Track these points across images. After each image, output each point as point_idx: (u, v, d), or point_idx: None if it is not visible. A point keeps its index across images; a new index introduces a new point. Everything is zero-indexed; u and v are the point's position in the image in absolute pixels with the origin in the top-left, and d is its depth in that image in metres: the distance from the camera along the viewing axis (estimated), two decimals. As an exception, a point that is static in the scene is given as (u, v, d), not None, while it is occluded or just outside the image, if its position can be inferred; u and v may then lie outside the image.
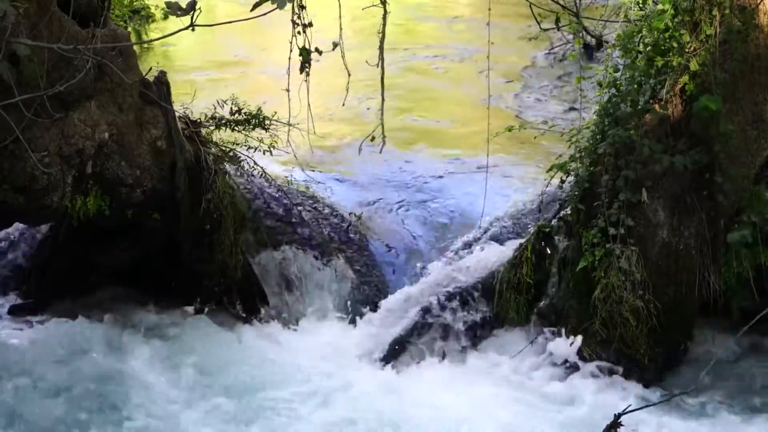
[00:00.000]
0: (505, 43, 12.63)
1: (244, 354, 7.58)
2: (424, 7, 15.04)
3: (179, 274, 8.02)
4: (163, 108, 7.59)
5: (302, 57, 6.44)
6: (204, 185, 7.76)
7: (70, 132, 6.99)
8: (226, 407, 6.91)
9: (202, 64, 12.79)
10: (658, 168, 7.19)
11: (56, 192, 6.98)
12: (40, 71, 6.39)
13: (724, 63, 6.98)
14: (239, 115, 8.24)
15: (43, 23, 6.53)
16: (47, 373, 7.16)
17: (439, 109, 11.23)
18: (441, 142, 10.07)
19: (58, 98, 6.60)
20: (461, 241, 8.38)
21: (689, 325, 7.48)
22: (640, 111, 7.29)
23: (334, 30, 6.57)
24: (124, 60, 7.27)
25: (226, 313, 8.10)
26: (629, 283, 7.15)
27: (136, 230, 7.85)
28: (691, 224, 7.24)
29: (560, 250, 7.80)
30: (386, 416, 6.81)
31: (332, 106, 9.66)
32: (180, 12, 4.15)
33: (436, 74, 12.56)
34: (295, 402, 6.98)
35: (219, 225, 7.84)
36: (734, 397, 7.13)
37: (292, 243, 8.33)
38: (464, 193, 8.84)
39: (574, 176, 7.71)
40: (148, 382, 7.16)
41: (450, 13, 15.05)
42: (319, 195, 8.74)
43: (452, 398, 7.06)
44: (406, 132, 10.20)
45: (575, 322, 7.38)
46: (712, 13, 6.92)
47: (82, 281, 8.14)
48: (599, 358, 7.30)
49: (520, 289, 7.76)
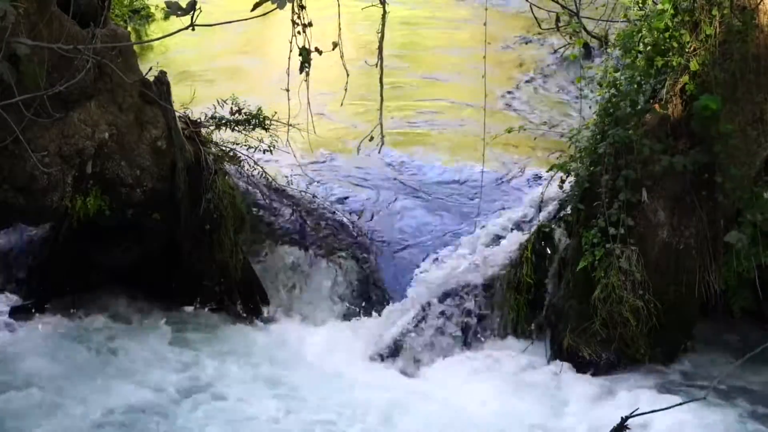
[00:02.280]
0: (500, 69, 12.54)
1: (244, 354, 7.58)
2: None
3: (179, 274, 8.02)
4: (163, 108, 7.59)
5: (302, 57, 6.43)
6: (204, 185, 7.75)
7: (70, 132, 6.99)
8: (226, 407, 6.91)
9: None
10: (658, 168, 7.19)
11: (56, 192, 6.98)
12: (40, 71, 6.40)
13: (724, 63, 6.98)
14: (239, 115, 8.24)
15: (43, 23, 6.53)
16: (47, 373, 7.16)
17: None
18: (441, 141, 10.06)
19: (58, 98, 6.60)
20: (462, 240, 8.37)
21: (689, 325, 7.48)
22: (640, 111, 7.29)
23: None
24: (124, 60, 7.27)
25: (227, 313, 8.10)
26: (629, 283, 7.15)
27: (136, 230, 7.85)
28: (691, 224, 7.24)
29: (560, 250, 7.80)
30: (386, 414, 6.81)
31: (332, 106, 9.66)
32: (180, 12, 4.14)
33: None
34: (296, 401, 6.98)
35: (219, 225, 7.84)
36: (742, 400, 7.10)
37: (292, 243, 8.33)
38: (465, 193, 8.83)
39: (574, 176, 7.71)
40: (148, 382, 7.16)
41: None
42: (319, 195, 8.74)
43: (453, 396, 7.06)
44: (406, 131, 10.20)
45: (575, 322, 7.38)
46: (712, 13, 6.92)
47: (82, 281, 8.14)
48: (599, 358, 7.30)
49: (520, 289, 7.76)
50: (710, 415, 6.76)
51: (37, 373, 7.14)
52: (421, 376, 7.51)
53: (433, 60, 13.18)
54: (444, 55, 13.28)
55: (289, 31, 6.37)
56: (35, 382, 7.04)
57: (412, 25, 14.10)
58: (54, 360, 7.33)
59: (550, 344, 7.60)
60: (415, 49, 13.30)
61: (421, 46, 13.65)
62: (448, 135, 10.18)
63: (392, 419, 6.80)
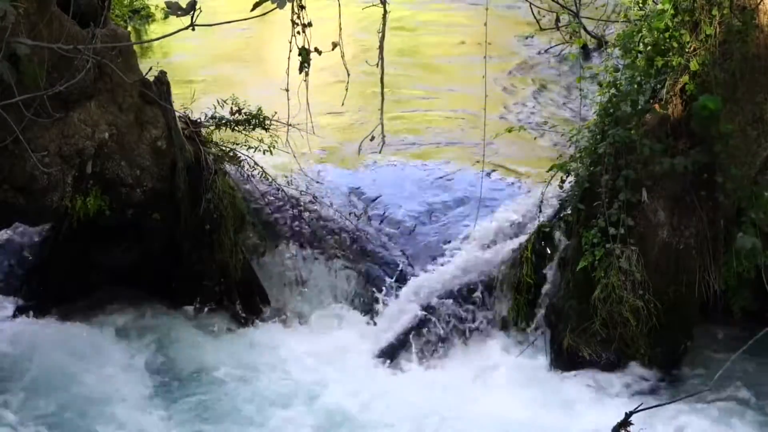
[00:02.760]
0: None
1: (244, 354, 7.58)
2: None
3: (179, 274, 8.02)
4: (163, 108, 7.59)
5: (301, 57, 6.43)
6: (204, 185, 7.75)
7: (70, 132, 7.00)
8: (226, 407, 6.91)
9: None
10: (658, 168, 7.19)
11: (56, 192, 6.98)
12: (40, 71, 6.40)
13: (724, 63, 6.98)
14: (239, 115, 8.24)
15: (43, 23, 6.53)
16: (48, 373, 7.16)
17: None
18: (441, 141, 10.06)
19: (58, 98, 6.61)
20: (462, 241, 8.37)
21: (689, 324, 7.48)
22: (640, 111, 7.29)
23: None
24: (124, 60, 7.28)
25: (227, 313, 8.09)
26: (629, 283, 7.15)
27: (136, 230, 7.85)
28: (691, 224, 7.24)
29: (560, 250, 7.80)
30: (386, 414, 6.81)
31: (332, 105, 9.65)
32: (180, 12, 4.14)
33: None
34: (297, 401, 6.98)
35: (219, 225, 7.84)
36: (742, 397, 7.11)
37: (292, 243, 8.32)
38: (465, 193, 8.82)
39: (574, 176, 7.70)
40: (148, 381, 7.16)
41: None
42: (319, 195, 8.73)
43: (453, 397, 7.06)
44: (406, 131, 10.20)
45: (575, 322, 7.38)
46: (712, 13, 6.91)
47: (82, 281, 8.13)
48: (599, 358, 7.30)
49: (520, 289, 7.76)
50: (711, 414, 6.78)
51: (37, 373, 7.14)
52: (420, 376, 7.51)
53: (434, 53, 13.21)
54: (443, 56, 13.29)
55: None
56: (36, 381, 7.04)
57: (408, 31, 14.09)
58: (54, 360, 7.33)
59: (550, 344, 7.60)
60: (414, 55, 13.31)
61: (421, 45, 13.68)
62: (449, 135, 10.18)
63: (392, 419, 6.80)
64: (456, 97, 11.36)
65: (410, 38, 13.73)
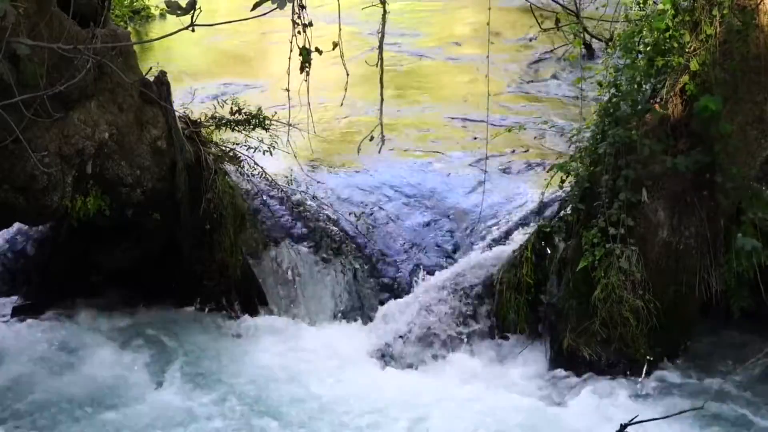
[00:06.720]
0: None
1: (244, 354, 7.58)
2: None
3: (179, 274, 8.02)
4: (163, 108, 7.59)
5: (302, 57, 6.43)
6: (204, 185, 7.76)
7: (70, 132, 7.00)
8: (225, 406, 6.91)
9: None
10: (658, 168, 7.19)
11: (56, 192, 6.98)
12: (40, 71, 6.40)
13: (724, 63, 6.98)
14: (239, 115, 8.24)
15: (43, 23, 6.53)
16: (48, 373, 7.17)
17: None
18: (441, 141, 10.06)
19: (58, 98, 6.60)
20: (462, 240, 8.37)
21: (689, 325, 7.48)
22: (640, 111, 7.29)
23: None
24: (124, 60, 7.28)
25: (226, 313, 8.10)
26: (629, 283, 7.15)
27: (136, 230, 7.86)
28: (692, 224, 7.24)
29: (560, 250, 7.80)
30: (386, 414, 6.81)
31: (332, 105, 9.66)
32: (180, 12, 4.14)
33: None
34: (297, 401, 6.98)
35: (219, 225, 7.85)
36: (738, 411, 7.08)
37: (292, 243, 8.33)
38: (465, 194, 8.83)
39: (574, 176, 7.70)
40: (148, 381, 7.16)
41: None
42: (319, 195, 8.73)
43: (453, 396, 7.06)
44: (405, 130, 10.21)
45: (575, 322, 7.38)
46: (712, 13, 6.92)
47: (82, 281, 8.14)
48: (599, 358, 7.29)
49: (520, 289, 7.75)
50: (708, 423, 6.76)
51: (37, 373, 7.15)
52: (420, 376, 7.51)
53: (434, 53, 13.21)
54: (443, 55, 13.29)
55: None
56: (36, 382, 7.04)
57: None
58: (54, 360, 7.34)
59: (550, 344, 7.60)
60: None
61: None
62: (448, 135, 10.19)
63: (391, 419, 6.80)
64: (456, 97, 11.36)
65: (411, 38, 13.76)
